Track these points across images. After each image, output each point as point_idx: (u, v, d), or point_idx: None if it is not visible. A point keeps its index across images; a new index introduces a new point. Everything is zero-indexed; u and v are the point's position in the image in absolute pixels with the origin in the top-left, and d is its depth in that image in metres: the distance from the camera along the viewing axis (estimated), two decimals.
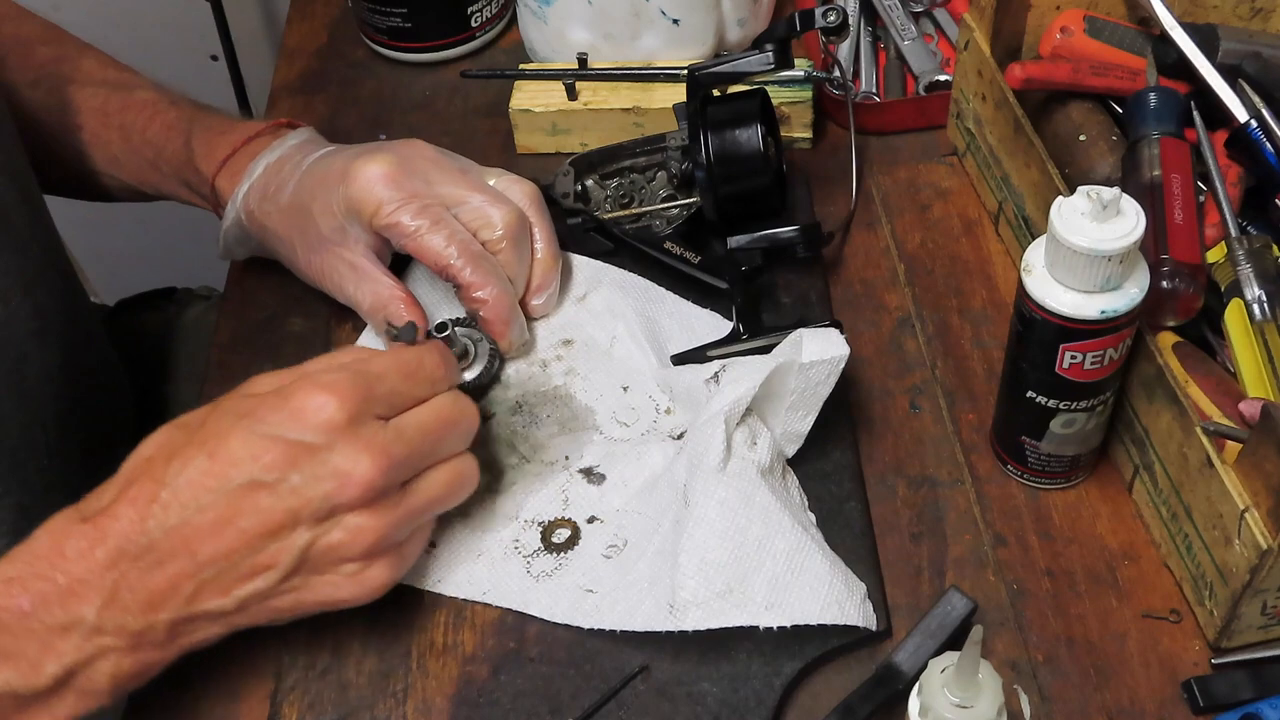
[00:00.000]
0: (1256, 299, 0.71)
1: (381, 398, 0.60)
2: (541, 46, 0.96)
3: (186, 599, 0.57)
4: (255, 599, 0.58)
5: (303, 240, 0.75)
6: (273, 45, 1.54)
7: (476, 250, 0.72)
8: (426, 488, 0.61)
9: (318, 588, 0.59)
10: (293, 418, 0.57)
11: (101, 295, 1.57)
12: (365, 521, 0.58)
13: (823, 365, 0.67)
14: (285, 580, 0.58)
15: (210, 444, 0.57)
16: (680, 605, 0.63)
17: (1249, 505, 0.59)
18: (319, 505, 0.57)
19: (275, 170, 0.76)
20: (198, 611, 0.57)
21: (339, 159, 0.74)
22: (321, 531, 0.58)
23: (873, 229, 0.86)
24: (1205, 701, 0.62)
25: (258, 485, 0.56)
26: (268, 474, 0.56)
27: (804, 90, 0.88)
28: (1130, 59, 0.84)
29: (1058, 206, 0.60)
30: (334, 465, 0.57)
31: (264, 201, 0.76)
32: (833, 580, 0.64)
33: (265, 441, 0.57)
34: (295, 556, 0.57)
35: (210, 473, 0.56)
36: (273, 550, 0.57)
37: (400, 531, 0.60)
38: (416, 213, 0.71)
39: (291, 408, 0.57)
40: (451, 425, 0.62)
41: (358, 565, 0.59)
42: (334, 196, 0.72)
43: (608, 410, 0.75)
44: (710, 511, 0.65)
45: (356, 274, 0.74)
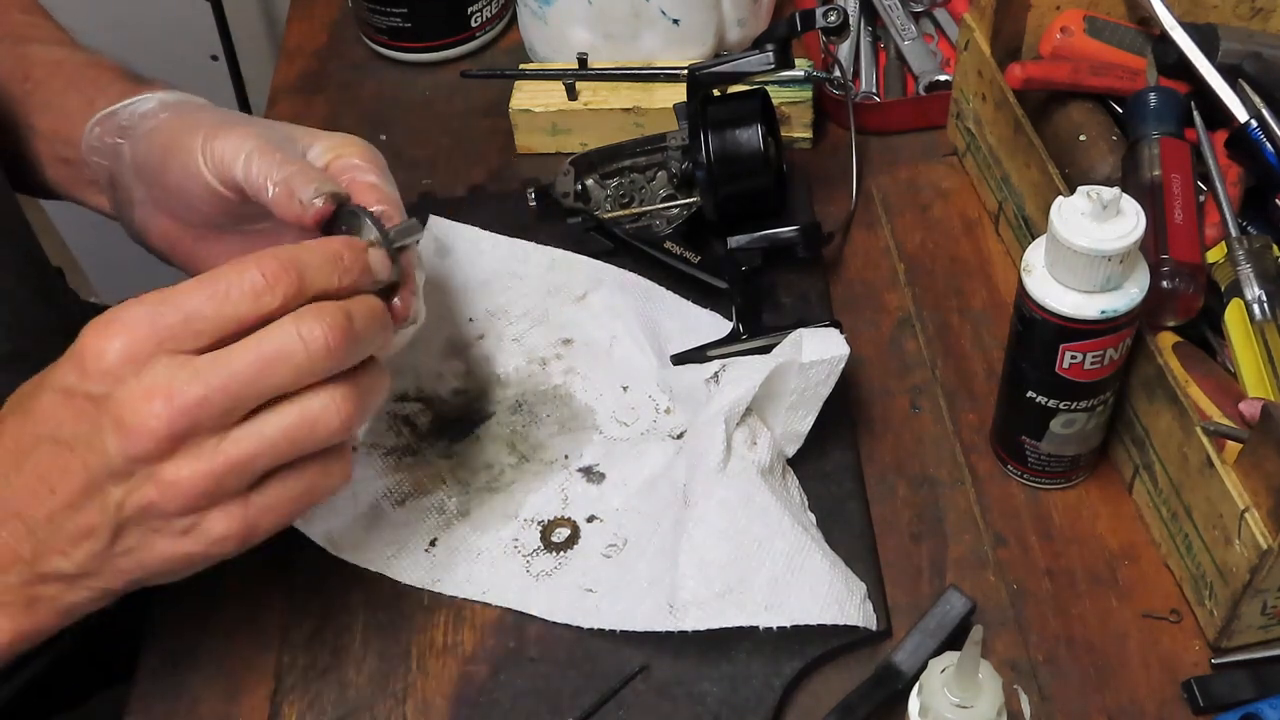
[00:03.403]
0: (1256, 299, 0.71)
1: (181, 330, 0.52)
2: (541, 46, 0.96)
3: (29, 559, 0.54)
4: (95, 559, 0.54)
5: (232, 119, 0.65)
6: (273, 45, 1.54)
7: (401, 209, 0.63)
8: (252, 433, 0.53)
9: (156, 545, 0.54)
10: (76, 367, 0.52)
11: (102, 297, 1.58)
12: (175, 473, 0.52)
13: (823, 365, 0.67)
14: (116, 540, 0.54)
15: (26, 403, 0.55)
16: (680, 605, 0.63)
17: (1249, 505, 0.59)
18: (114, 460, 0.52)
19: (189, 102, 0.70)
20: (45, 572, 0.54)
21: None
22: (132, 487, 0.52)
23: (873, 229, 0.86)
24: (1205, 701, 0.62)
25: (56, 444, 0.53)
26: (61, 431, 0.53)
27: (804, 90, 0.88)
28: (1130, 59, 0.84)
29: (1058, 206, 0.60)
30: (115, 415, 0.51)
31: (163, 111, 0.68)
32: (832, 580, 0.64)
33: (56, 397, 0.53)
34: (112, 516, 0.53)
35: (22, 432, 0.54)
36: (91, 511, 0.53)
37: (229, 481, 0.53)
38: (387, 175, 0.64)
39: (75, 355, 0.52)
40: (277, 359, 0.52)
41: (187, 520, 0.53)
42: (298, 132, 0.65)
43: (607, 410, 0.75)
44: (710, 511, 0.65)
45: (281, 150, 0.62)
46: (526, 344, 0.78)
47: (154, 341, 0.52)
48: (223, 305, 0.52)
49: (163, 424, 0.51)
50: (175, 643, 0.67)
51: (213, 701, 0.65)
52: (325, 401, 0.54)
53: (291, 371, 0.53)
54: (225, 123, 0.64)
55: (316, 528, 0.68)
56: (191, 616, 0.68)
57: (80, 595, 0.55)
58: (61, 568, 0.54)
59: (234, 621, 0.68)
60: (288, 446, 0.54)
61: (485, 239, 0.84)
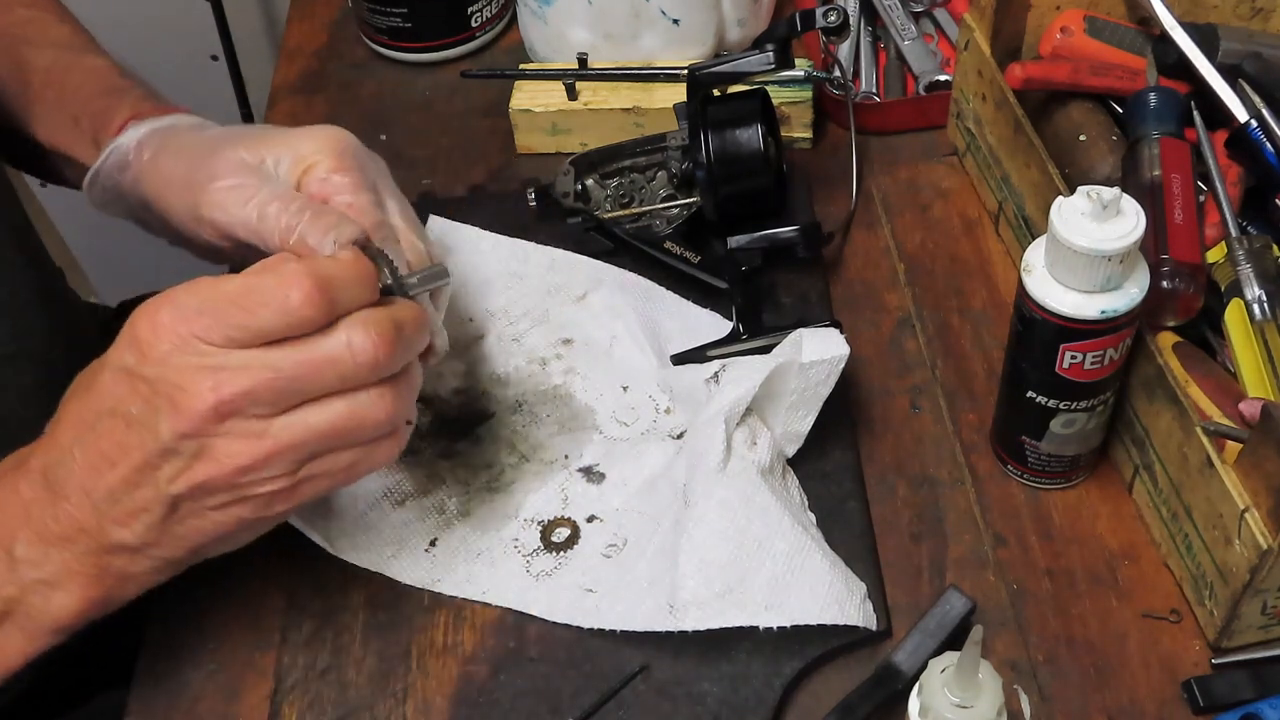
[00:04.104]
0: (1256, 299, 0.71)
1: (231, 321, 0.54)
2: (541, 46, 0.96)
3: (93, 532, 0.56)
4: (154, 531, 0.56)
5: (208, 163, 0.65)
6: (273, 45, 1.54)
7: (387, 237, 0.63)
8: (299, 421, 0.56)
9: (210, 516, 0.57)
10: (131, 347, 0.55)
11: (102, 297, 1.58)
12: (223, 449, 0.55)
13: (823, 365, 0.67)
14: (170, 515, 0.56)
15: (91, 380, 0.57)
16: (680, 605, 0.63)
17: (1249, 505, 0.59)
18: (165, 437, 0.54)
19: (199, 124, 0.71)
20: (110, 542, 0.57)
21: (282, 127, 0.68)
22: (182, 466, 0.55)
23: (873, 229, 0.86)
24: (1205, 701, 0.62)
25: (115, 419, 0.55)
26: (120, 407, 0.55)
27: (804, 90, 0.88)
28: (1130, 59, 0.84)
29: (1058, 206, 0.60)
30: (167, 395, 0.54)
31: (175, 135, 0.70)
32: (832, 580, 0.64)
33: (116, 375, 0.55)
34: (164, 492, 0.55)
35: (85, 408, 0.57)
36: (146, 488, 0.56)
37: (274, 463, 0.56)
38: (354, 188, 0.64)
39: (131, 337, 0.55)
40: (324, 364, 0.55)
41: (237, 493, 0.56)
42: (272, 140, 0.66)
43: (607, 410, 0.75)
44: (710, 511, 0.65)
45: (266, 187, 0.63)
46: (527, 344, 0.78)
47: (201, 332, 0.54)
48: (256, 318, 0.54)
49: (208, 406, 0.54)
50: (175, 643, 0.67)
51: (213, 701, 0.65)
52: (373, 399, 0.57)
53: (337, 378, 0.56)
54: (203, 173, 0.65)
55: (316, 528, 0.68)
56: (191, 617, 0.68)
57: (144, 565, 0.58)
58: (124, 539, 0.57)
59: (234, 622, 0.68)
60: (336, 437, 0.57)
61: (485, 239, 0.84)
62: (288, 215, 0.60)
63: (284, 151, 0.65)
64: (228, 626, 0.68)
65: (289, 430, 0.55)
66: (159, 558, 0.58)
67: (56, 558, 0.57)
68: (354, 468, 0.58)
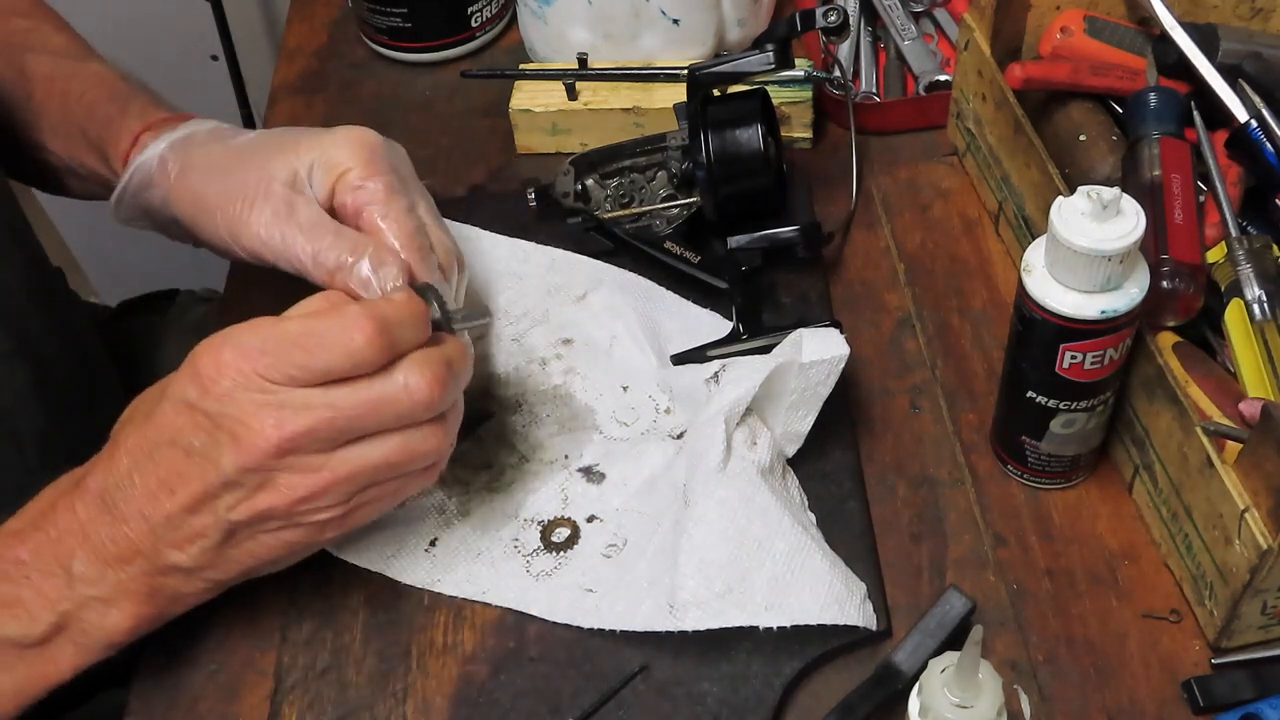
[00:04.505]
0: (1256, 299, 0.71)
1: (293, 361, 0.56)
2: (541, 46, 0.96)
3: (149, 554, 0.58)
4: (208, 555, 0.59)
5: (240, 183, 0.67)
6: (273, 45, 1.54)
7: (424, 245, 0.66)
8: (357, 456, 0.58)
9: (264, 540, 0.60)
10: (193, 381, 0.57)
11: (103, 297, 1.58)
12: (285, 481, 0.57)
13: (823, 365, 0.67)
14: (227, 540, 0.59)
15: (150, 408, 0.59)
16: (680, 605, 0.63)
17: (1249, 505, 0.59)
18: (228, 470, 0.57)
19: (216, 131, 0.72)
20: (165, 564, 0.59)
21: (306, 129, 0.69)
22: (242, 496, 0.57)
23: (873, 229, 0.86)
24: (1205, 701, 0.62)
25: (175, 449, 0.57)
26: (181, 438, 0.57)
27: (804, 90, 0.88)
28: (1130, 59, 0.84)
29: (1058, 206, 0.60)
30: (230, 430, 0.56)
31: (197, 147, 0.70)
32: (832, 580, 0.64)
33: (178, 407, 0.58)
34: (223, 520, 0.58)
35: (145, 436, 0.58)
36: (205, 515, 0.58)
37: (330, 494, 0.58)
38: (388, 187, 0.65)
39: (193, 372, 0.57)
40: (381, 404, 0.58)
41: (293, 520, 0.59)
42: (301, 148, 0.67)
43: (607, 410, 0.75)
44: (710, 511, 0.65)
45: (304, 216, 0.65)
46: (527, 344, 0.78)
47: (264, 371, 0.56)
48: (319, 358, 0.57)
49: (272, 443, 0.56)
50: (175, 642, 0.67)
51: (213, 701, 0.65)
52: (425, 435, 0.60)
53: (394, 417, 0.58)
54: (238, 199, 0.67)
55: None
56: (192, 616, 0.68)
57: (196, 586, 0.61)
58: (179, 561, 0.59)
59: (234, 621, 0.68)
60: (388, 470, 0.60)
61: (485, 239, 0.84)
62: (335, 253, 0.63)
63: (314, 160, 0.67)
64: (228, 626, 0.68)
65: (347, 464, 0.58)
66: (210, 579, 0.61)
67: (112, 577, 0.59)
68: (401, 492, 0.62)
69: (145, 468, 0.58)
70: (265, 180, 0.66)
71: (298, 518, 0.59)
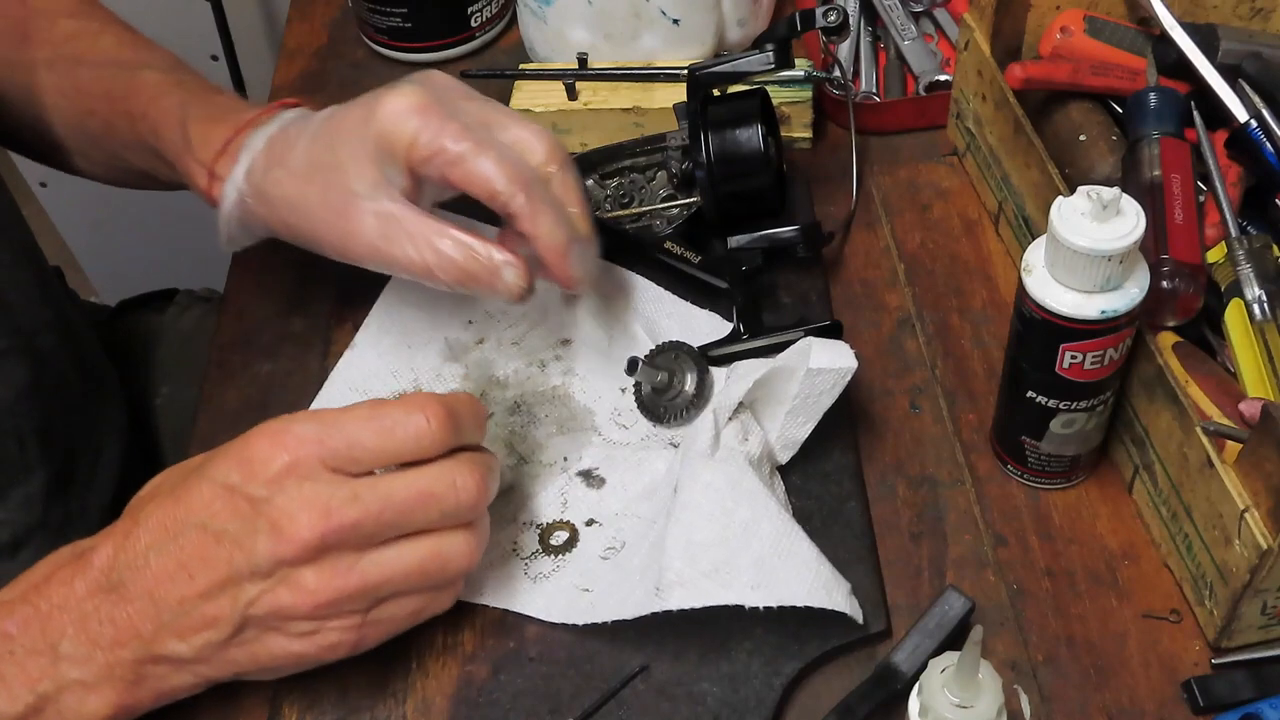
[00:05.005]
0: (1256, 299, 0.71)
1: (344, 454, 0.56)
2: (541, 46, 0.96)
3: (148, 639, 0.56)
4: (211, 648, 0.57)
5: (324, 202, 0.67)
6: (273, 45, 1.54)
7: (528, 174, 0.64)
8: (390, 559, 0.57)
9: (271, 643, 0.57)
10: (241, 466, 0.56)
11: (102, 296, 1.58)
12: (312, 581, 0.56)
13: (828, 374, 0.67)
14: (237, 633, 0.57)
15: (180, 488, 0.57)
16: (665, 585, 0.63)
17: (1249, 505, 0.59)
18: (260, 559, 0.55)
19: (279, 138, 0.70)
20: (159, 653, 0.56)
21: (356, 105, 0.67)
22: (267, 588, 0.56)
23: (873, 229, 0.86)
24: (1205, 701, 0.62)
25: (205, 533, 0.56)
26: (214, 522, 0.56)
27: (804, 90, 0.88)
28: (1130, 59, 0.84)
29: (1058, 206, 0.60)
30: (271, 519, 0.55)
31: (271, 170, 0.69)
32: (820, 566, 0.64)
33: (215, 489, 0.56)
34: (240, 611, 0.56)
35: (171, 516, 0.57)
36: (222, 601, 0.56)
37: (358, 599, 0.57)
38: (458, 136, 0.63)
39: (242, 457, 0.56)
40: (430, 499, 0.57)
41: (310, 624, 0.57)
42: (361, 141, 0.65)
43: (607, 411, 0.75)
44: (697, 494, 0.65)
45: (396, 228, 0.65)
46: (526, 346, 0.78)
47: (318, 459, 0.56)
48: (386, 442, 0.57)
49: (316, 535, 0.55)
50: None
51: (212, 702, 0.65)
52: (460, 543, 0.59)
53: (438, 513, 0.58)
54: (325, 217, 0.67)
55: None
56: None
57: (184, 680, 0.58)
58: (177, 651, 0.57)
59: None
60: (419, 578, 0.58)
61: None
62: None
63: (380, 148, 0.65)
64: None
65: (377, 567, 0.57)
66: (202, 675, 0.58)
67: (101, 660, 0.56)
68: (417, 614, 0.60)
69: (167, 548, 0.56)
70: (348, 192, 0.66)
71: (315, 622, 0.57)
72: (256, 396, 0.79)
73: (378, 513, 0.56)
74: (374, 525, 0.56)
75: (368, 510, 0.56)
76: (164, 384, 0.95)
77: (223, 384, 0.79)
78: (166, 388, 0.95)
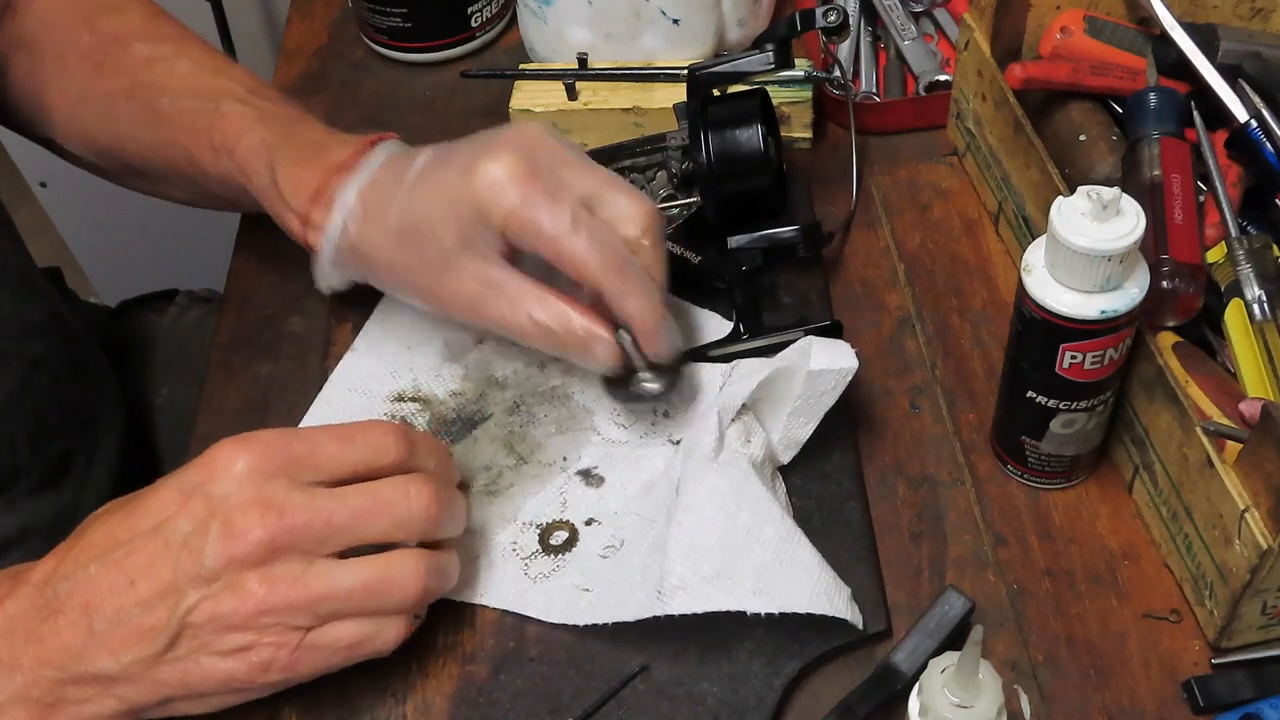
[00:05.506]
0: (1256, 299, 0.71)
1: (307, 459, 0.57)
2: (541, 46, 0.96)
3: (75, 654, 0.55)
4: (141, 665, 0.56)
5: (423, 264, 0.67)
6: (273, 45, 1.54)
7: (621, 255, 0.65)
8: (337, 573, 0.56)
9: (203, 660, 0.56)
10: (204, 470, 0.56)
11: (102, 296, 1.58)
12: (256, 586, 0.55)
13: (830, 375, 0.67)
14: (171, 646, 0.55)
15: (136, 500, 0.57)
16: (668, 590, 0.63)
17: (1249, 505, 0.59)
18: (208, 560, 0.55)
19: (371, 192, 0.69)
20: (85, 671, 0.55)
21: (453, 165, 0.67)
22: (209, 594, 0.55)
23: (873, 229, 0.86)
24: (1205, 701, 0.62)
25: (155, 537, 0.55)
26: (168, 525, 0.56)
27: (804, 90, 0.88)
28: (1130, 59, 0.84)
29: (1058, 206, 0.60)
30: (225, 517, 0.55)
31: (366, 227, 0.69)
32: (821, 572, 0.64)
33: (174, 493, 0.56)
34: (179, 619, 0.55)
35: (124, 525, 0.57)
36: (160, 611, 0.55)
37: (296, 612, 0.56)
38: (554, 214, 0.64)
39: (206, 462, 0.57)
40: (381, 506, 0.57)
41: (242, 638, 0.56)
42: (456, 205, 0.65)
43: (606, 411, 0.75)
44: (700, 498, 0.65)
45: (494, 290, 0.66)
46: (525, 345, 0.78)
47: (281, 463, 0.56)
48: (346, 449, 0.58)
49: (267, 533, 0.55)
50: None
51: None
52: (409, 567, 0.58)
53: (390, 522, 0.58)
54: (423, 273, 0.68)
55: None
56: None
57: (106, 705, 0.56)
58: (105, 669, 0.55)
59: None
60: (363, 596, 0.57)
61: None
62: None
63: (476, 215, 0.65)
64: None
65: (322, 579, 0.56)
66: (125, 700, 0.56)
67: (18, 680, 0.55)
68: (357, 646, 0.59)
69: (110, 558, 0.56)
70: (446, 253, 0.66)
71: (254, 633, 0.56)
72: (256, 396, 0.79)
73: (329, 515, 0.56)
74: (325, 528, 0.56)
75: (319, 511, 0.56)
76: (164, 385, 0.95)
77: (223, 384, 0.79)
78: (166, 388, 0.95)
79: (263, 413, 0.77)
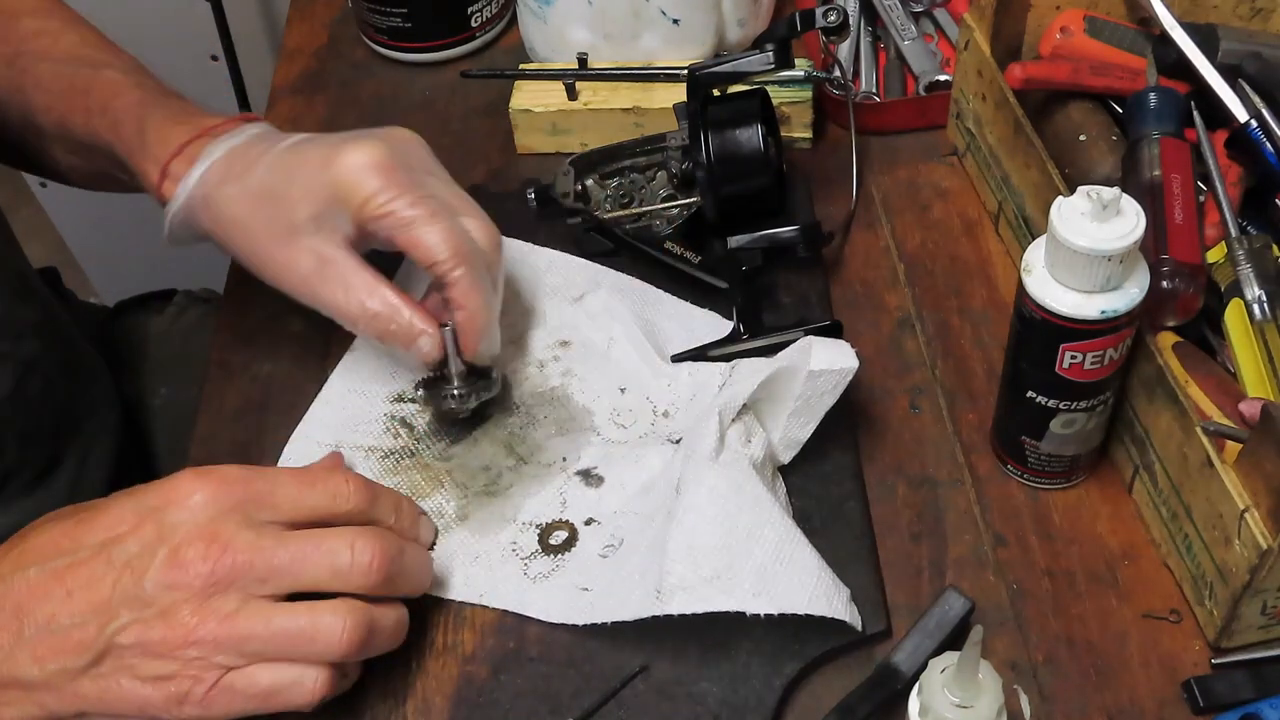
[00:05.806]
0: (1256, 299, 0.71)
1: (265, 501, 0.57)
2: (541, 46, 0.96)
3: (1, 656, 0.55)
4: (63, 676, 0.55)
5: (270, 229, 0.68)
6: (273, 45, 1.54)
7: (472, 250, 0.68)
8: (267, 614, 0.56)
9: (123, 682, 0.56)
10: (162, 495, 0.57)
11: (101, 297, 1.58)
12: (189, 618, 0.55)
13: (830, 375, 0.67)
14: (95, 663, 0.55)
15: (88, 511, 0.57)
16: (667, 590, 0.63)
17: (1249, 505, 0.59)
18: (148, 584, 0.55)
19: (240, 154, 0.70)
20: (7, 675, 0.55)
21: (322, 144, 0.69)
22: (142, 617, 0.55)
23: (873, 229, 0.86)
24: (1205, 701, 0.62)
25: (101, 553, 0.56)
26: (117, 543, 0.56)
27: (804, 90, 0.88)
28: (1130, 59, 0.84)
29: (1058, 206, 0.60)
30: (173, 545, 0.55)
31: (225, 185, 0.69)
32: (821, 573, 0.64)
33: (127, 511, 0.57)
34: (107, 639, 0.55)
35: (71, 534, 0.57)
36: (90, 627, 0.55)
37: (221, 648, 0.55)
38: (412, 202, 0.66)
39: (166, 488, 0.57)
40: (324, 552, 0.57)
41: (168, 666, 0.55)
42: (316, 181, 0.67)
43: (605, 412, 0.75)
44: (700, 498, 0.65)
45: (332, 271, 0.67)
46: (524, 346, 0.78)
47: (238, 499, 0.57)
48: (305, 493, 0.59)
49: (208, 566, 0.55)
50: None
51: None
52: (334, 622, 0.57)
53: (329, 571, 0.57)
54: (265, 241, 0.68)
55: None
56: None
57: (25, 711, 0.56)
58: (27, 675, 0.55)
59: None
60: (284, 642, 0.56)
61: None
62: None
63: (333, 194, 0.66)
64: None
65: (250, 620, 0.56)
66: (44, 706, 0.56)
67: None
68: (273, 694, 0.57)
69: (52, 565, 0.55)
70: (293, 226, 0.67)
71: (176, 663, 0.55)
72: (256, 396, 0.79)
73: (270, 555, 0.56)
74: (265, 569, 0.56)
75: (261, 551, 0.56)
76: (162, 385, 0.95)
77: (223, 384, 0.79)
78: (165, 388, 0.95)
79: (263, 413, 0.77)
